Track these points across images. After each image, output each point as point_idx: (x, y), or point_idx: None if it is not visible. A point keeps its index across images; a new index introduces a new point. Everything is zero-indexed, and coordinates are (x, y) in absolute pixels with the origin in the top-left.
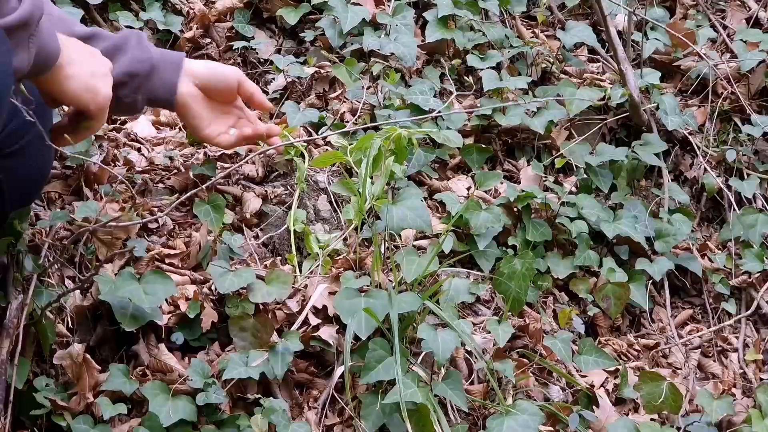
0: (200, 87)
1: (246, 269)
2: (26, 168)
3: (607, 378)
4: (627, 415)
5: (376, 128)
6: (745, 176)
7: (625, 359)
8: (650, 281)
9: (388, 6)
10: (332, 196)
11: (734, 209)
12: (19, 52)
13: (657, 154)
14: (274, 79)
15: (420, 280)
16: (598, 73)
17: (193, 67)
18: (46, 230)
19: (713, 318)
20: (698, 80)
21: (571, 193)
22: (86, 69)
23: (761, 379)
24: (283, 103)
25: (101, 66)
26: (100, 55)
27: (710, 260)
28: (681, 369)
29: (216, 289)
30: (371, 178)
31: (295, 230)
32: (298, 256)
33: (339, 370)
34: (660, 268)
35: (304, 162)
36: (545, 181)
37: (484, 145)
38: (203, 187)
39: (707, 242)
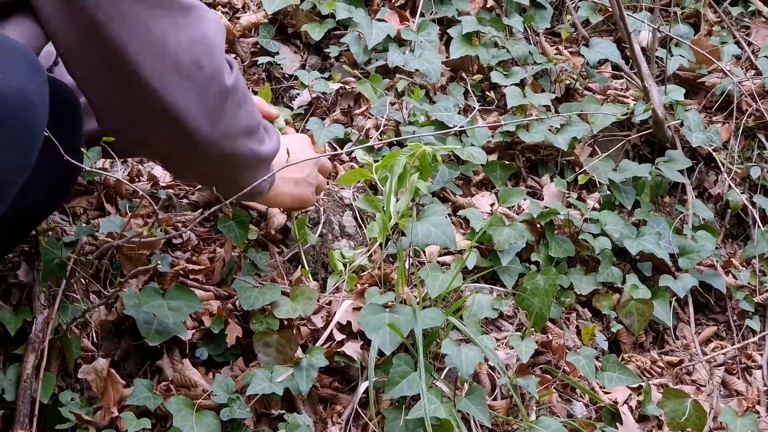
0: None
1: (271, 285)
2: (50, 175)
3: (630, 395)
4: None
5: (401, 144)
6: None
7: (649, 376)
8: (674, 298)
9: (413, 22)
10: (357, 212)
11: (758, 226)
12: (263, 175)
13: (681, 171)
14: (298, 94)
15: (444, 295)
16: (621, 89)
17: None
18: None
19: (737, 335)
20: (723, 97)
21: (594, 209)
22: (290, 182)
23: None
24: (308, 119)
25: (301, 171)
26: (301, 152)
27: (734, 277)
28: (705, 386)
29: (240, 305)
30: (396, 195)
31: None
32: (323, 272)
33: (363, 386)
34: (684, 285)
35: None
36: (568, 197)
37: (507, 162)
38: (226, 202)
39: (731, 259)
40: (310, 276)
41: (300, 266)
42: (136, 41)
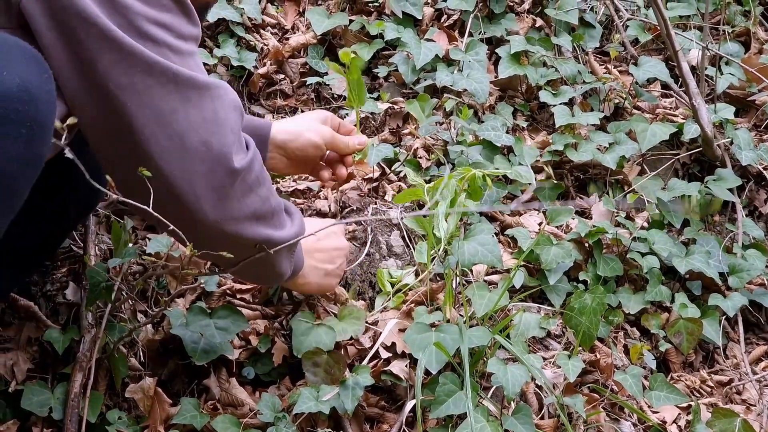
0: (287, 156)
1: (323, 325)
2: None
3: (679, 414)
4: None
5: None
6: None
7: (698, 395)
8: (724, 317)
9: (461, 42)
10: (405, 232)
11: None
12: (284, 261)
13: (731, 189)
14: (347, 114)
15: (491, 314)
16: (671, 108)
17: (278, 140)
18: (118, 266)
19: None
20: None
21: (642, 228)
22: (320, 272)
23: None
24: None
25: (333, 262)
26: (336, 239)
27: None
28: (755, 405)
29: (287, 324)
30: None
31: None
32: (370, 291)
33: (409, 404)
34: (734, 304)
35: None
36: (617, 216)
37: (555, 181)
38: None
39: None
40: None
41: (347, 287)
42: (144, 115)
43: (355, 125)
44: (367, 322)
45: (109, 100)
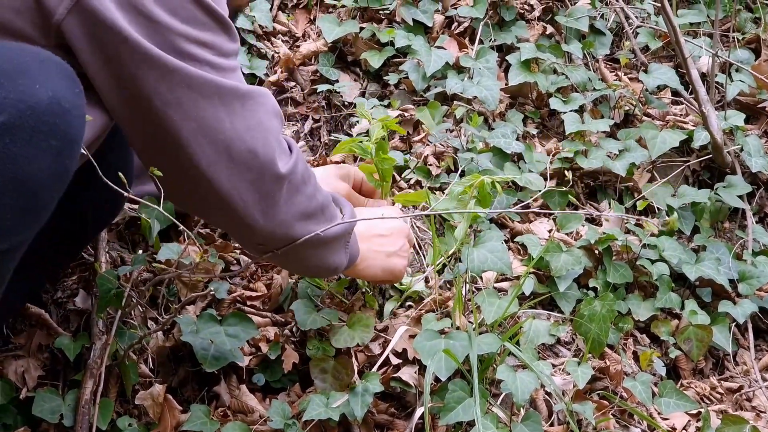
0: None
1: (330, 310)
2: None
3: (689, 421)
4: None
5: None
6: None
7: (708, 402)
8: (734, 324)
9: (472, 49)
10: (415, 239)
11: None
12: (339, 253)
13: (741, 196)
14: (358, 122)
15: (500, 321)
16: (681, 115)
17: None
18: (129, 274)
19: None
20: None
21: (652, 235)
22: (381, 255)
23: None
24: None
25: (393, 244)
26: (393, 223)
27: None
28: (765, 412)
29: (297, 331)
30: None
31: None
32: (380, 298)
33: (419, 411)
34: (744, 311)
35: None
36: (626, 223)
37: (565, 188)
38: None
39: None
40: (376, 304)
41: (359, 291)
42: (190, 127)
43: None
44: (376, 329)
45: (154, 114)
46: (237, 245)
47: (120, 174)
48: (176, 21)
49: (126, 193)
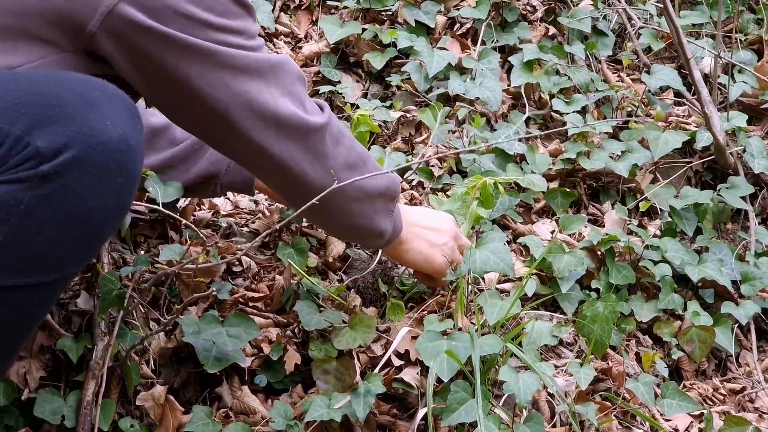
0: None
1: (332, 311)
2: None
3: (691, 422)
4: None
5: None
6: None
7: (711, 403)
8: (736, 325)
9: (474, 50)
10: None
11: None
12: (384, 216)
13: (743, 198)
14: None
15: (502, 322)
16: (683, 116)
17: None
18: (131, 274)
19: None
20: None
21: (655, 236)
22: (424, 242)
23: None
24: (369, 148)
25: (438, 238)
26: (442, 221)
27: None
28: (767, 413)
29: (299, 332)
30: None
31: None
32: (383, 299)
33: (421, 412)
34: (746, 312)
35: None
36: (629, 224)
37: (568, 189)
38: (282, 222)
39: None
40: (403, 307)
41: (359, 295)
42: (237, 102)
43: None
44: (378, 330)
45: (201, 99)
46: (239, 246)
47: None
48: (212, 15)
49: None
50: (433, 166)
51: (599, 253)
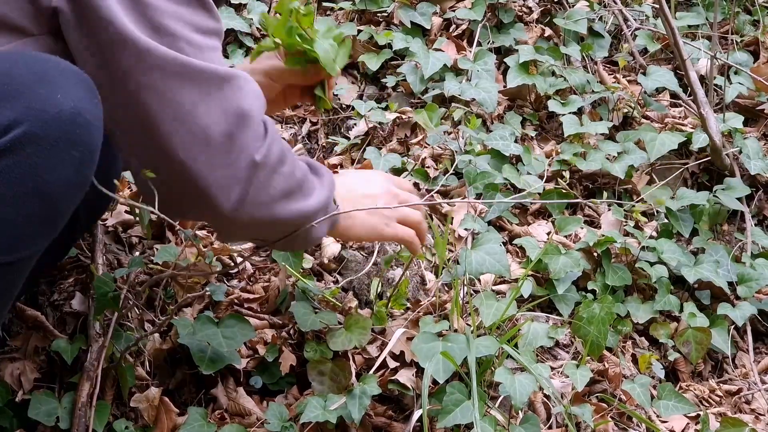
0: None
1: (327, 312)
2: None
3: (688, 424)
4: None
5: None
6: None
7: (707, 405)
8: (733, 326)
9: (470, 52)
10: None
11: None
12: (320, 226)
13: (739, 199)
14: (356, 124)
15: (498, 324)
16: (679, 117)
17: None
18: (125, 276)
19: None
20: None
21: (651, 237)
22: (362, 216)
23: None
24: (364, 149)
25: (373, 202)
26: (371, 183)
27: None
28: (764, 415)
29: (295, 333)
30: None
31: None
32: (378, 300)
33: (417, 414)
34: (742, 313)
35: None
36: (625, 225)
37: (564, 190)
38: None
39: None
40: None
41: (355, 296)
42: (165, 112)
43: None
44: (374, 332)
45: (132, 98)
46: (236, 246)
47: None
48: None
49: (112, 195)
50: (428, 167)
51: (595, 254)
